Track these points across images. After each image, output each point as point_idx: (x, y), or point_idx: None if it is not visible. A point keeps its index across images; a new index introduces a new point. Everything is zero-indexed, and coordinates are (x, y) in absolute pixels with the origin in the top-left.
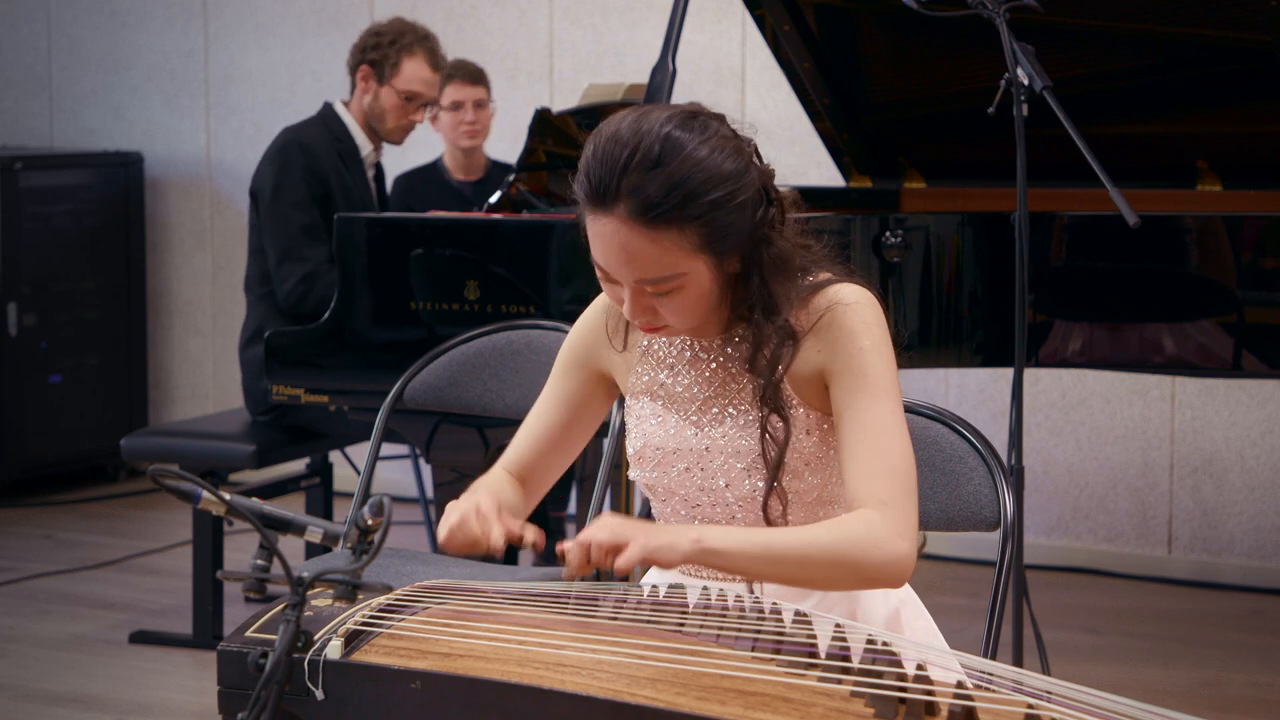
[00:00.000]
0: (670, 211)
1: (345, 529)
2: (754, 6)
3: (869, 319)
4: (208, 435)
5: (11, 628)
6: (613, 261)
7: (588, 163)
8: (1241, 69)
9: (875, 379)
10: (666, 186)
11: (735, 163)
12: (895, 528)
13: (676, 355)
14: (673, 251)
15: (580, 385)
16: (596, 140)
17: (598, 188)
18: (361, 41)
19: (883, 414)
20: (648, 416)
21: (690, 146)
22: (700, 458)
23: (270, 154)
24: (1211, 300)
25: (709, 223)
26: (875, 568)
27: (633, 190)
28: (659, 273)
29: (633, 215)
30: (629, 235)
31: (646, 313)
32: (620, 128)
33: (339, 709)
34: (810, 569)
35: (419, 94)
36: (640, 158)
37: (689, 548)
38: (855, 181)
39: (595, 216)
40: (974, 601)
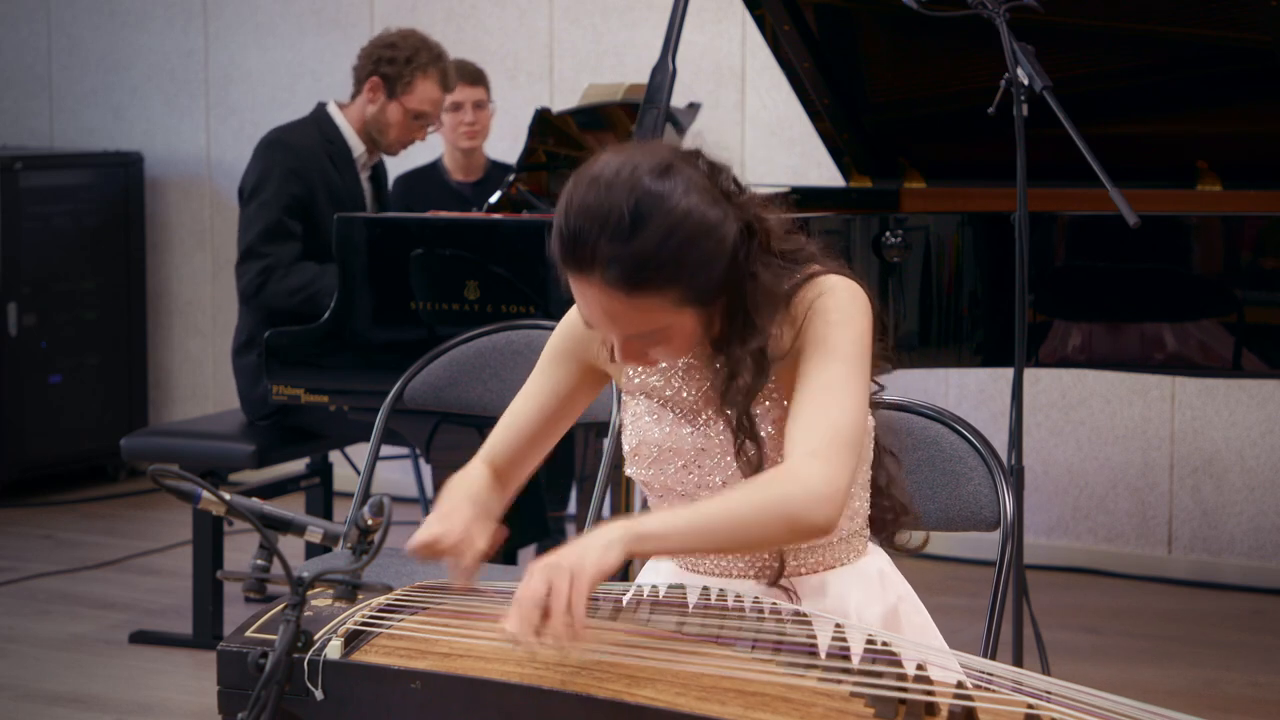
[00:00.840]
0: (648, 279)
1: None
2: (754, 6)
3: (842, 298)
4: (208, 435)
5: (11, 628)
6: (596, 322)
7: (560, 226)
8: (1241, 69)
9: (833, 344)
10: (642, 257)
11: (714, 211)
12: (822, 474)
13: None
14: (655, 311)
15: (568, 376)
16: (568, 204)
17: (570, 255)
18: (375, 51)
19: (831, 374)
20: (643, 414)
21: (662, 211)
22: (696, 456)
23: (255, 154)
24: (1211, 300)
25: (690, 280)
26: (804, 513)
27: (608, 261)
28: (644, 329)
29: (610, 284)
30: (608, 301)
31: (638, 358)
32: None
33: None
34: (743, 527)
35: (427, 114)
36: (614, 226)
37: (623, 536)
38: (855, 181)
39: (573, 278)
40: (974, 601)
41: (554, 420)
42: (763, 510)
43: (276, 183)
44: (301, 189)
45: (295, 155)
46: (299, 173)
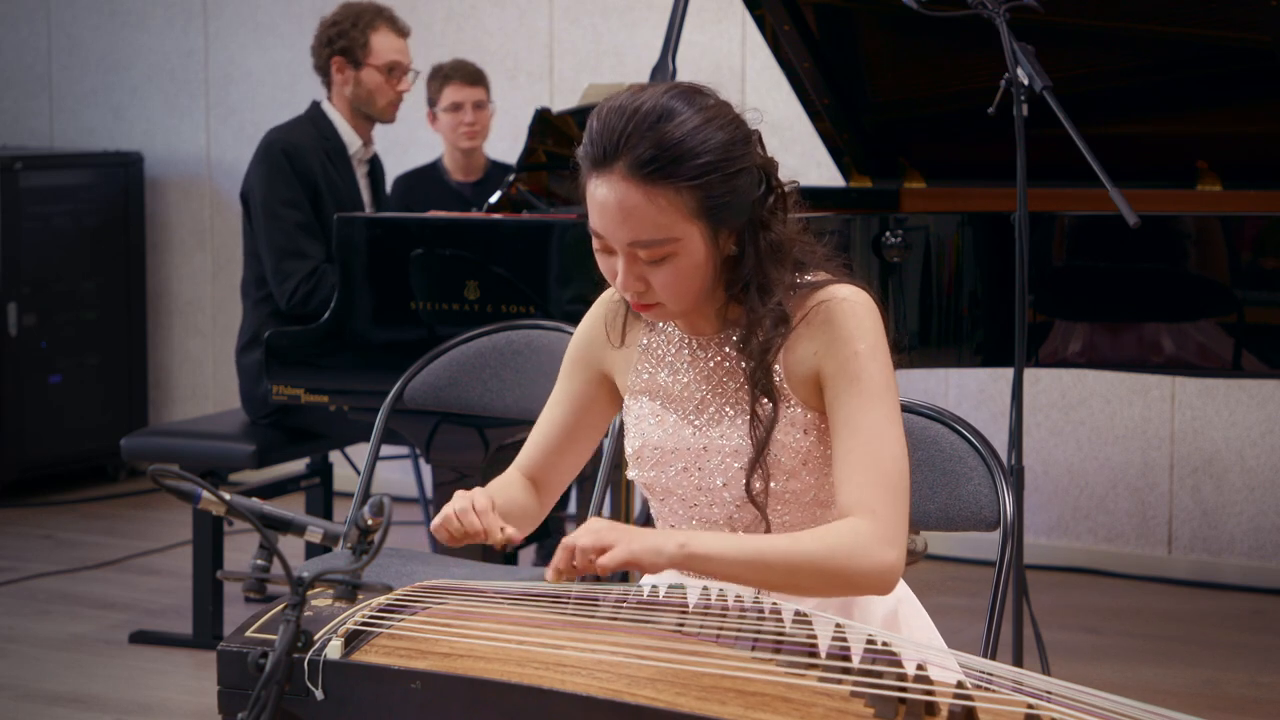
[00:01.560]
0: (665, 168)
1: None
2: (754, 6)
3: (865, 321)
4: (208, 435)
5: (11, 628)
6: (609, 222)
7: (591, 131)
8: (1241, 69)
9: (869, 382)
10: (662, 144)
11: (731, 134)
12: (883, 535)
13: (675, 354)
14: (668, 211)
15: (583, 386)
16: (599, 111)
17: (598, 150)
18: (321, 36)
19: (876, 419)
20: (646, 416)
21: (687, 113)
22: (698, 457)
23: (257, 156)
24: (1211, 300)
25: (704, 186)
26: (862, 576)
27: (631, 148)
28: (654, 234)
29: (630, 171)
30: (626, 192)
31: (639, 282)
32: (622, 97)
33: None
34: (797, 576)
35: (398, 63)
36: (639, 120)
37: (674, 551)
38: (855, 181)
39: (595, 179)
40: (974, 601)
41: (577, 429)
42: (822, 566)
43: (290, 182)
44: (308, 189)
45: (297, 154)
46: (303, 173)
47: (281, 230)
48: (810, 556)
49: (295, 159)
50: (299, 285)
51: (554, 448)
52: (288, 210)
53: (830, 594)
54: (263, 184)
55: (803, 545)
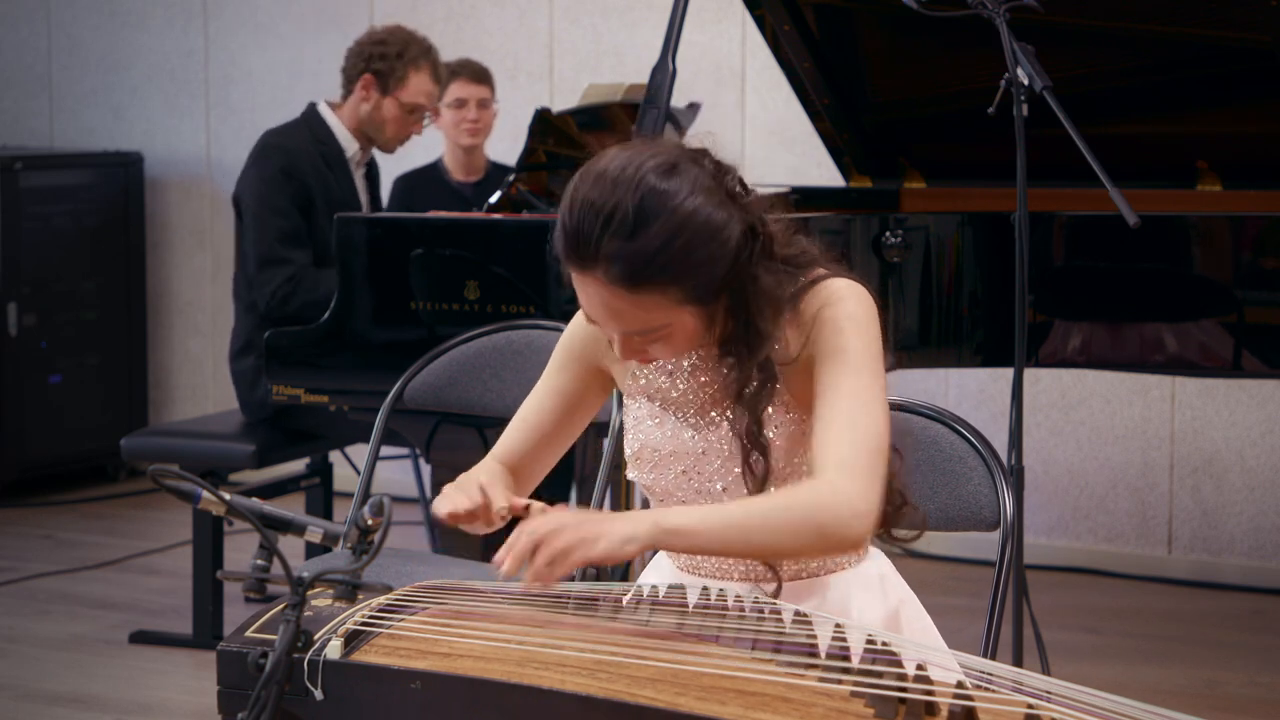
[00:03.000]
0: (650, 277)
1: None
2: (754, 6)
3: (852, 305)
4: (208, 435)
5: (11, 628)
6: (597, 317)
7: (564, 224)
8: (1241, 69)
9: (853, 354)
10: (645, 254)
11: (719, 213)
12: (856, 489)
13: (675, 362)
14: (656, 309)
15: (576, 380)
16: (572, 199)
17: (572, 251)
18: (364, 50)
19: (855, 386)
20: (645, 418)
21: (667, 209)
22: (697, 461)
23: (251, 159)
24: (1211, 300)
25: (692, 280)
26: (835, 527)
27: (611, 257)
28: (644, 326)
29: (612, 280)
30: (610, 297)
31: (638, 354)
32: (595, 189)
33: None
34: (773, 535)
35: (421, 106)
36: (618, 223)
37: (649, 531)
38: (855, 181)
39: (575, 273)
40: (974, 601)
41: (563, 422)
42: (795, 520)
43: (281, 186)
44: (300, 191)
45: (291, 157)
46: (296, 175)
47: (265, 238)
48: (783, 511)
49: (289, 164)
50: (277, 289)
51: (538, 440)
52: (274, 218)
53: (805, 550)
54: (253, 189)
55: (774, 502)
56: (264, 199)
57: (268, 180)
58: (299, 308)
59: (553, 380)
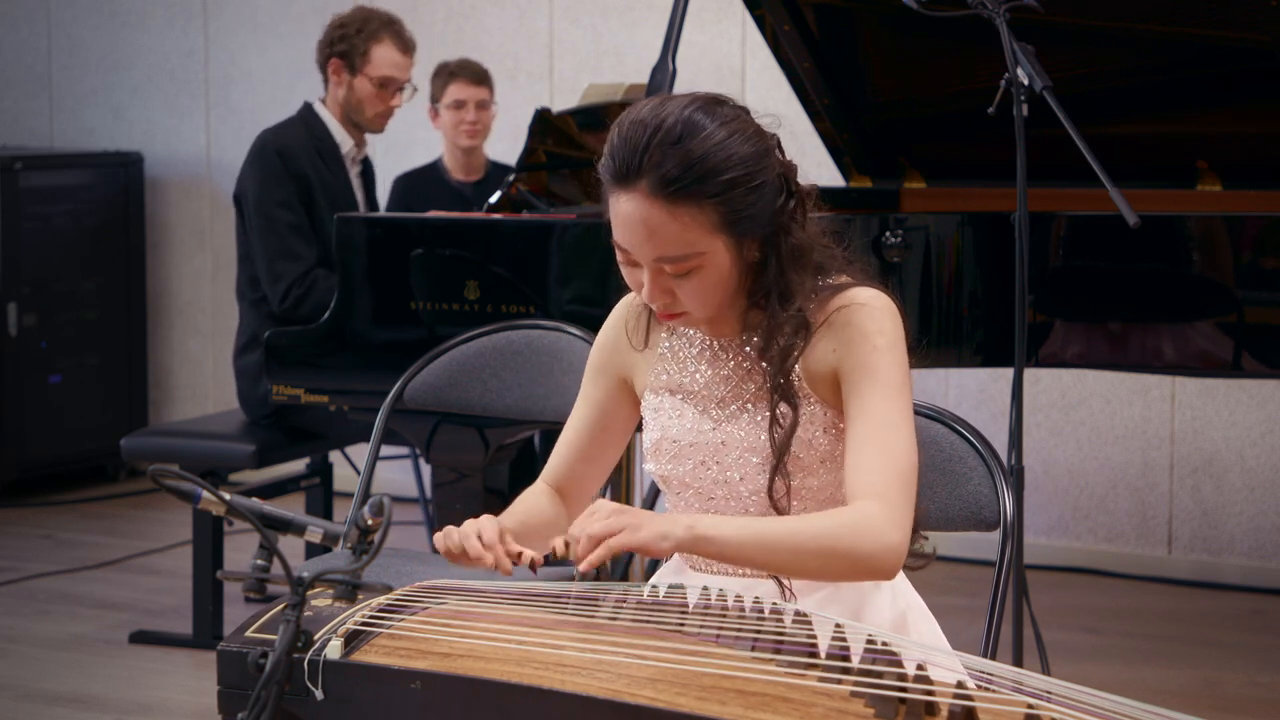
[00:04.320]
0: (689, 186)
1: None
2: (754, 6)
3: (883, 320)
4: (208, 435)
5: (11, 628)
6: (634, 239)
7: (612, 144)
8: (1241, 69)
9: (886, 376)
10: (686, 163)
11: (753, 146)
12: (890, 519)
13: (696, 354)
14: (692, 228)
15: (606, 392)
16: (621, 123)
17: (621, 165)
18: (327, 35)
19: (889, 410)
20: (666, 410)
21: (710, 128)
22: (716, 452)
23: (249, 157)
24: (1211, 300)
25: (727, 201)
26: (867, 557)
27: (654, 166)
28: (678, 250)
29: (654, 190)
30: (650, 210)
31: (665, 295)
32: (644, 110)
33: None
34: (803, 557)
35: (392, 78)
36: (662, 136)
37: (682, 535)
38: (855, 181)
39: (618, 195)
40: (974, 601)
41: (602, 435)
42: (826, 547)
43: (283, 181)
44: (301, 187)
45: (290, 156)
46: (296, 174)
47: (274, 231)
48: (816, 535)
49: (288, 160)
50: (291, 287)
51: (580, 455)
52: (281, 211)
53: (835, 576)
54: (256, 185)
55: (809, 524)
56: (268, 195)
57: (270, 176)
58: (311, 310)
59: (585, 396)
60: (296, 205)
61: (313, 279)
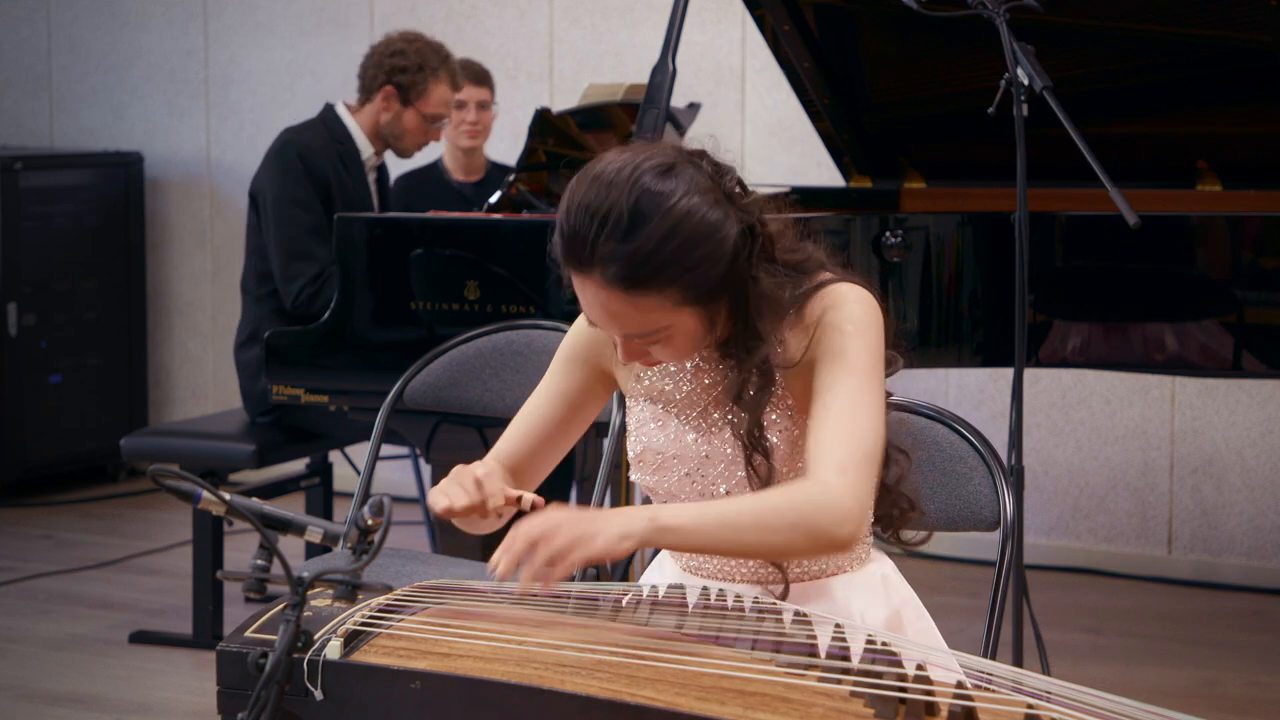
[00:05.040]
0: (647, 278)
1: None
2: (754, 6)
3: (855, 308)
4: (208, 435)
5: (11, 628)
6: (597, 319)
7: (561, 224)
8: (1241, 69)
9: (853, 357)
10: (641, 255)
11: (710, 214)
12: (848, 489)
13: (678, 366)
14: (655, 311)
15: (579, 382)
16: (569, 203)
17: (570, 254)
18: (383, 61)
19: (852, 388)
20: (648, 420)
21: (663, 209)
22: (701, 464)
23: (270, 155)
24: (1211, 300)
25: (689, 281)
26: (828, 527)
27: (607, 259)
28: (644, 329)
29: (610, 282)
30: (608, 299)
31: (639, 356)
32: (591, 190)
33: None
34: (766, 533)
35: (442, 115)
36: (613, 225)
37: (644, 528)
38: (855, 181)
39: (574, 276)
40: (974, 601)
41: (564, 424)
42: (788, 520)
43: (302, 180)
44: (320, 187)
45: (312, 157)
46: (316, 174)
47: (292, 231)
48: (777, 510)
49: (309, 160)
50: (304, 287)
51: (539, 441)
52: (299, 211)
53: (797, 551)
54: (276, 183)
55: (768, 500)
56: (287, 193)
57: (290, 174)
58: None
59: (554, 382)
60: (316, 206)
61: (326, 278)
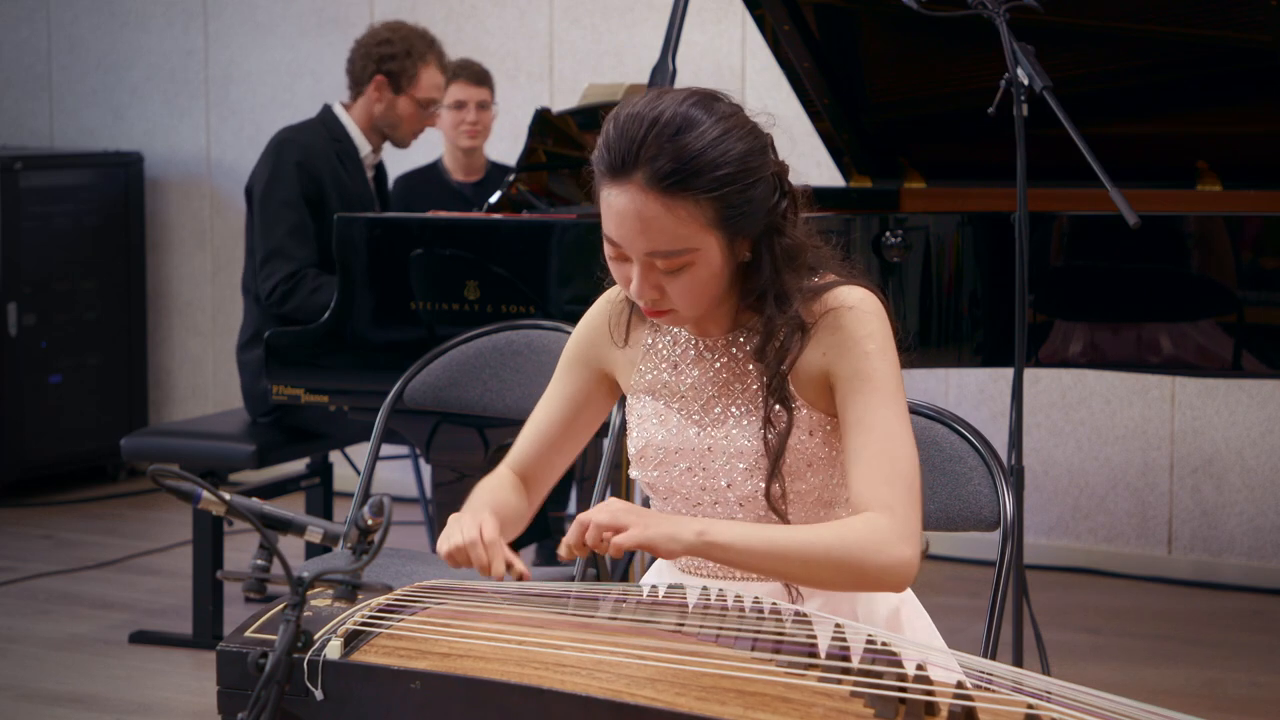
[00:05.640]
0: (686, 180)
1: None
2: (754, 6)
3: (874, 323)
4: (208, 435)
5: (11, 628)
6: (627, 232)
7: (607, 136)
8: (1241, 69)
9: (881, 382)
10: (683, 157)
11: (749, 144)
12: (900, 532)
13: (680, 353)
14: (687, 223)
15: (582, 384)
16: (617, 116)
17: (616, 158)
18: (371, 51)
19: (888, 417)
20: (649, 416)
21: (706, 123)
22: (702, 458)
23: (265, 153)
24: (1211, 300)
25: (723, 197)
26: (878, 571)
27: (651, 159)
28: (672, 245)
29: (649, 183)
30: (645, 203)
31: (654, 290)
32: (639, 104)
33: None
34: (813, 568)
35: (434, 100)
36: (659, 130)
37: (692, 539)
38: (855, 181)
39: (612, 187)
40: (974, 601)
41: (571, 426)
42: (836, 560)
43: (294, 182)
44: (314, 189)
45: (307, 154)
46: (311, 173)
47: (274, 229)
48: (828, 547)
49: (305, 162)
50: (278, 284)
51: (549, 445)
52: (283, 210)
53: (844, 588)
54: (265, 182)
55: (821, 537)
56: (274, 192)
57: (281, 174)
58: (294, 309)
59: (559, 386)
60: (301, 205)
61: (300, 277)
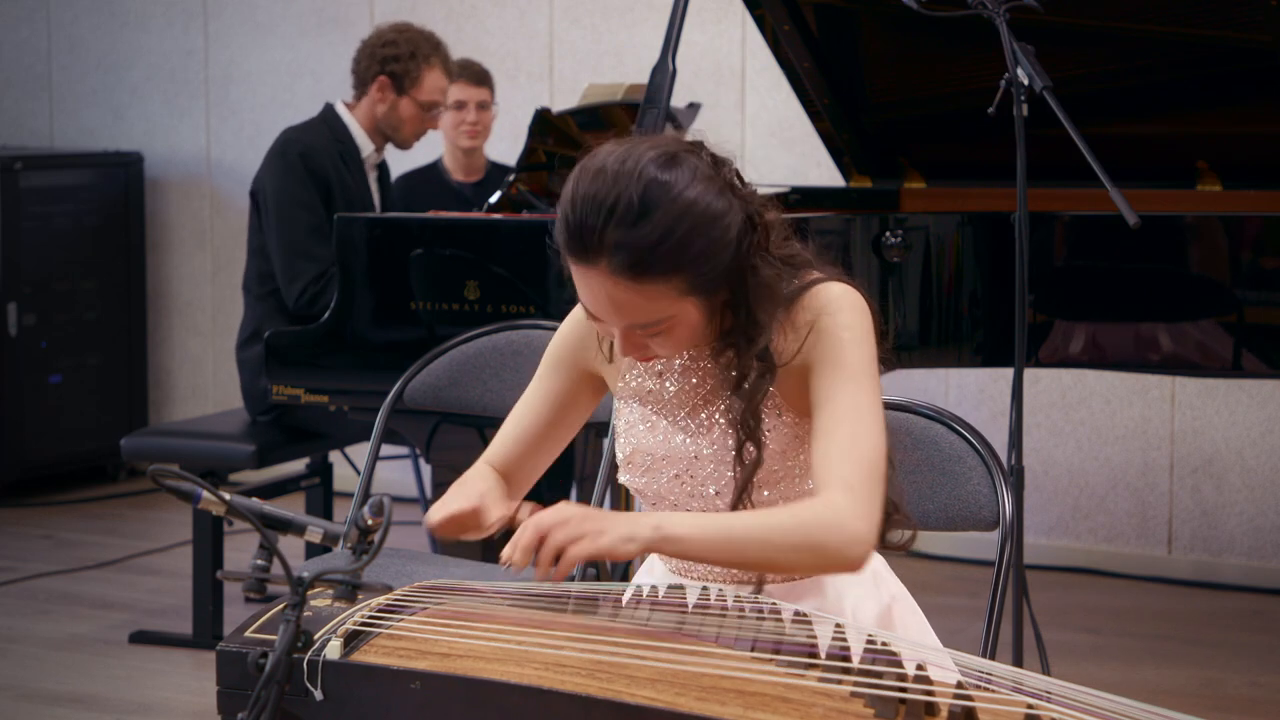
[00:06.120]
0: (654, 266)
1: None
2: (754, 6)
3: (851, 314)
4: (208, 435)
5: (11, 628)
6: (599, 311)
7: (566, 213)
8: (1241, 69)
9: (852, 366)
10: (650, 241)
11: (720, 201)
12: (857, 510)
13: (666, 362)
14: (659, 299)
15: (567, 384)
16: (575, 188)
17: (576, 244)
18: (375, 52)
19: (856, 399)
20: (637, 422)
21: (669, 196)
22: (690, 465)
23: (272, 155)
24: (1211, 300)
25: (695, 268)
26: (836, 550)
27: (615, 246)
28: (648, 318)
29: (616, 271)
30: (613, 288)
31: (638, 349)
32: (597, 181)
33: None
34: (771, 551)
35: (438, 102)
36: (622, 211)
37: (649, 535)
38: (855, 181)
39: (577, 267)
40: (974, 601)
41: (554, 426)
42: (794, 540)
43: (304, 180)
44: (322, 190)
45: (313, 156)
46: (318, 173)
47: (294, 231)
48: (785, 529)
49: (310, 160)
50: (307, 286)
51: (530, 444)
52: (301, 211)
53: (806, 570)
54: (277, 183)
55: (776, 519)
56: (288, 192)
57: (292, 174)
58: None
59: (543, 384)
60: (317, 206)
61: (329, 278)
